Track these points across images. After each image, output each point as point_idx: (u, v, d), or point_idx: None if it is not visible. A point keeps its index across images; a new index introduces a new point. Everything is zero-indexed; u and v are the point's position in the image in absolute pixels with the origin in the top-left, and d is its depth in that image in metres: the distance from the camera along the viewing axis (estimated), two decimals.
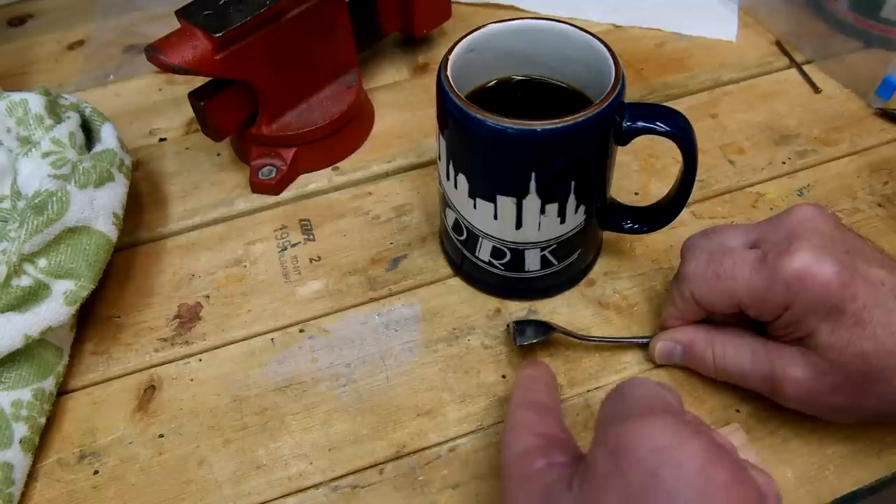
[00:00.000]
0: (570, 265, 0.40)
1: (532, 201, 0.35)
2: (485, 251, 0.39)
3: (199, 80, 0.44)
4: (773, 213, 0.37)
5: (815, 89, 0.53)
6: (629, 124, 0.34)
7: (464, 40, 0.37)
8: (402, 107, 0.54)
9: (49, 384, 0.37)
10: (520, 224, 0.36)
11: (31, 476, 0.35)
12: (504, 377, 0.38)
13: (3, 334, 0.35)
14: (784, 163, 0.48)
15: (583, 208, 0.37)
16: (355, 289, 0.42)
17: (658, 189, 0.47)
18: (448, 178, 0.37)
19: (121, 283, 0.43)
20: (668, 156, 0.49)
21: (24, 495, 0.35)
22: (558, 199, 0.35)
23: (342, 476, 0.35)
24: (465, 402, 0.37)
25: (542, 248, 0.38)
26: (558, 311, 0.41)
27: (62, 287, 0.37)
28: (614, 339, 0.39)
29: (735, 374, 0.35)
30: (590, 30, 0.37)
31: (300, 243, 0.45)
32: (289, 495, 0.35)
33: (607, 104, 0.33)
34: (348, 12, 0.48)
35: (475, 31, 0.37)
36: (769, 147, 0.49)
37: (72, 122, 0.42)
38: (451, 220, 0.40)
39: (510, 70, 0.40)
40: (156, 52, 0.40)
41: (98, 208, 0.39)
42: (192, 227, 0.47)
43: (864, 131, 0.50)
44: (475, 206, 0.37)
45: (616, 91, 0.33)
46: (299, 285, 0.43)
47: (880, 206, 0.45)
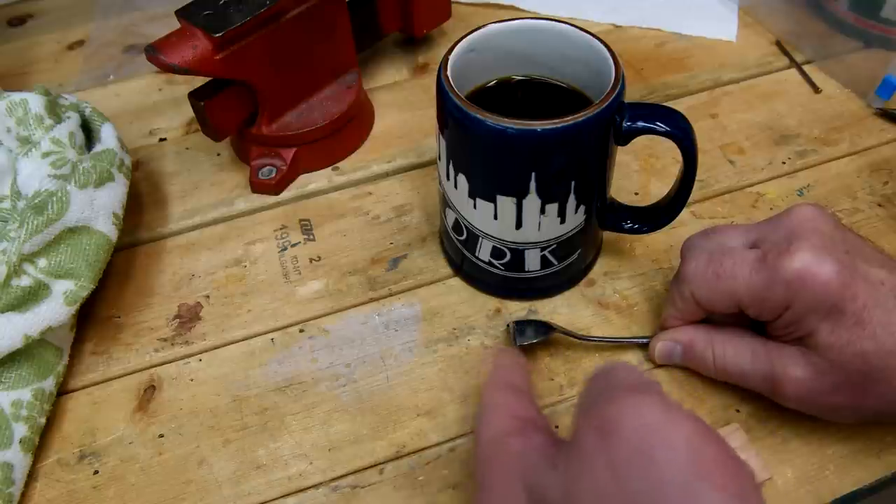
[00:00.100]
0: (570, 265, 0.40)
1: (532, 201, 0.35)
2: (485, 251, 0.39)
3: (199, 80, 0.44)
4: (773, 213, 0.37)
5: (815, 89, 0.53)
6: (629, 124, 0.34)
7: (464, 40, 0.37)
8: (402, 107, 0.54)
9: (49, 384, 0.37)
10: (520, 224, 0.36)
11: (31, 476, 0.35)
12: None
13: (3, 334, 0.35)
14: (784, 163, 0.48)
15: (583, 208, 0.37)
16: (355, 289, 0.42)
17: (658, 189, 0.47)
18: (448, 178, 0.37)
19: (121, 283, 0.43)
20: (668, 156, 0.49)
21: (24, 495, 0.35)
22: (558, 199, 0.35)
23: (342, 476, 0.35)
24: (465, 402, 0.37)
25: (542, 248, 0.38)
26: (558, 311, 0.41)
27: (62, 287, 0.37)
28: (614, 339, 0.39)
29: (735, 374, 0.35)
30: (590, 30, 0.37)
31: (300, 243, 0.45)
32: (289, 495, 0.35)
33: (607, 104, 0.33)
34: (348, 12, 0.48)
35: (475, 31, 0.37)
36: (769, 147, 0.49)
37: (72, 122, 0.42)
38: (451, 220, 0.40)
39: (510, 70, 0.40)
40: (156, 52, 0.40)
41: (98, 208, 0.39)
42: (192, 227, 0.47)
43: (864, 131, 0.50)
44: (475, 206, 0.37)
45: (616, 91, 0.33)
46: (299, 285, 0.43)
47: (880, 206, 0.45)
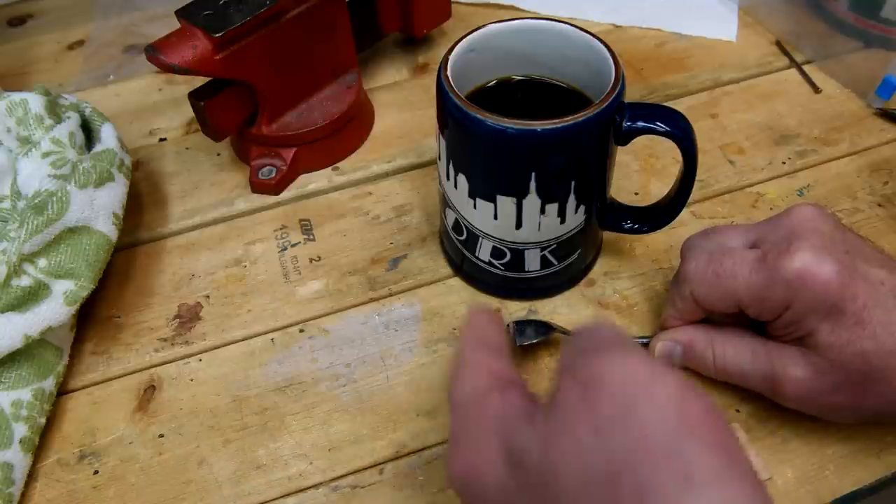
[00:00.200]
0: (570, 265, 0.40)
1: (532, 201, 0.35)
2: (485, 251, 0.39)
3: (199, 80, 0.44)
4: (773, 213, 0.37)
5: (815, 89, 0.53)
6: (629, 124, 0.34)
7: (464, 40, 0.37)
8: (402, 107, 0.54)
9: (49, 384, 0.37)
10: (520, 224, 0.36)
11: (31, 476, 0.35)
12: None
13: (3, 334, 0.35)
14: (784, 163, 0.48)
15: (583, 208, 0.37)
16: (355, 289, 0.42)
17: (658, 189, 0.47)
18: (448, 178, 0.37)
19: (121, 283, 0.43)
20: (668, 156, 0.49)
21: (24, 495, 0.35)
22: (558, 199, 0.35)
23: (342, 476, 0.35)
24: None
25: (542, 248, 0.38)
26: (558, 311, 0.41)
27: (62, 287, 0.37)
28: None
29: (735, 374, 0.34)
30: (590, 30, 0.37)
31: (300, 243, 0.45)
32: (289, 495, 0.35)
33: (607, 104, 0.33)
34: (348, 12, 0.48)
35: (475, 31, 0.37)
36: (769, 147, 0.49)
37: (72, 122, 0.42)
38: (451, 220, 0.40)
39: (510, 70, 0.40)
40: (156, 52, 0.40)
41: (98, 208, 0.39)
42: (192, 227, 0.47)
43: (864, 131, 0.50)
44: (475, 206, 0.37)
45: (616, 91, 0.33)
46: (299, 285, 0.43)
47: (880, 206, 0.45)
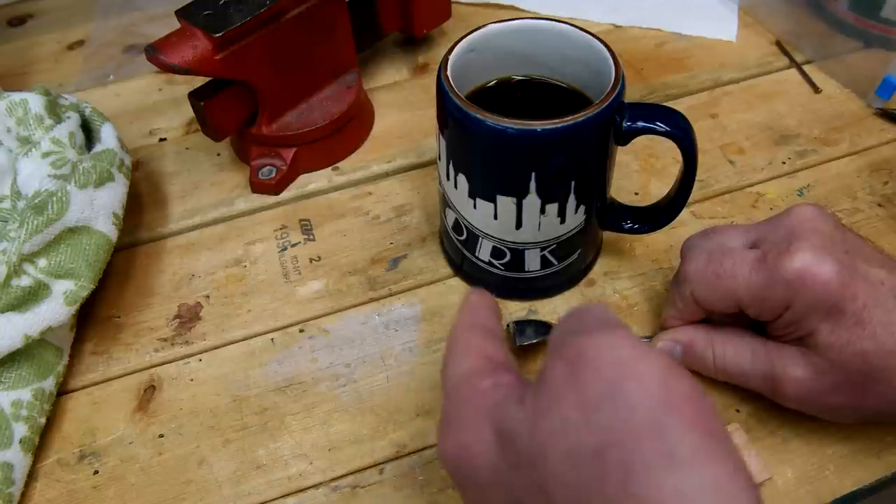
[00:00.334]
0: (570, 265, 0.40)
1: (532, 201, 0.35)
2: (485, 251, 0.39)
3: (199, 80, 0.44)
4: (773, 213, 0.37)
5: (815, 89, 0.53)
6: (629, 124, 0.34)
7: (464, 40, 0.37)
8: (402, 107, 0.54)
9: (49, 384, 0.37)
10: (520, 224, 0.36)
11: (31, 476, 0.35)
12: None
13: (3, 334, 0.35)
14: (784, 163, 0.48)
15: (583, 208, 0.37)
16: (355, 289, 0.42)
17: (658, 189, 0.47)
18: (448, 178, 0.37)
19: (121, 283, 0.43)
20: (668, 156, 0.49)
21: (24, 495, 0.35)
22: (558, 199, 0.35)
23: (342, 476, 0.35)
24: None
25: (542, 248, 0.38)
26: (558, 311, 0.41)
27: (62, 287, 0.37)
28: None
29: (735, 373, 0.34)
30: (590, 30, 0.37)
31: (300, 243, 0.45)
32: (289, 495, 0.35)
33: (607, 104, 0.33)
34: (348, 12, 0.48)
35: (475, 31, 0.37)
36: (769, 147, 0.49)
37: (72, 122, 0.42)
38: (451, 220, 0.40)
39: (510, 70, 0.40)
40: (156, 52, 0.40)
41: (98, 208, 0.39)
42: (192, 227, 0.47)
43: (864, 131, 0.50)
44: (475, 206, 0.37)
45: (616, 91, 0.33)
46: (299, 285, 0.43)
47: (880, 206, 0.45)
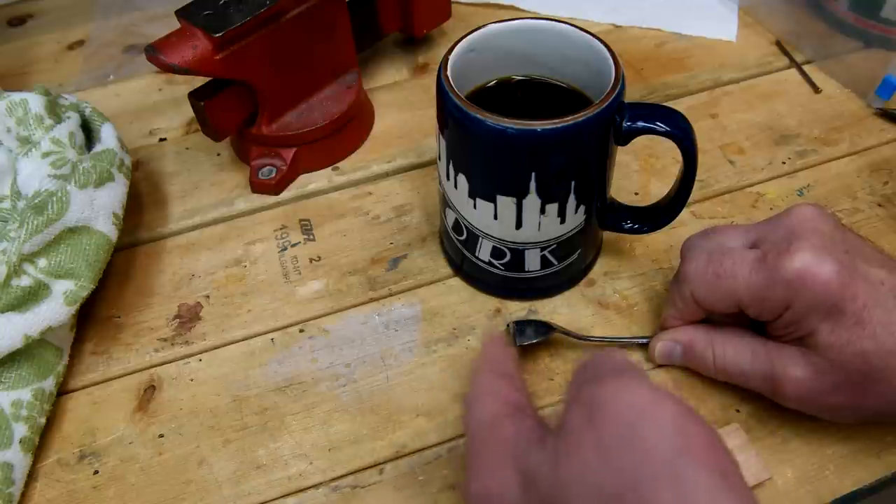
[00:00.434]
0: (570, 265, 0.40)
1: (532, 201, 0.35)
2: (485, 251, 0.39)
3: (199, 80, 0.44)
4: (773, 213, 0.37)
5: (815, 89, 0.53)
6: (629, 124, 0.34)
7: (464, 40, 0.37)
8: (402, 107, 0.54)
9: (49, 384, 0.37)
10: (520, 224, 0.36)
11: (31, 476, 0.35)
12: None
13: (3, 334, 0.35)
14: (784, 163, 0.48)
15: (583, 208, 0.37)
16: (355, 289, 0.42)
17: (658, 189, 0.47)
18: (448, 178, 0.37)
19: (121, 283, 0.43)
20: (668, 156, 0.49)
21: (24, 495, 0.35)
22: (558, 199, 0.35)
23: (342, 476, 0.35)
24: None
25: (542, 248, 0.38)
26: (558, 311, 0.41)
27: (62, 287, 0.37)
28: (614, 339, 0.39)
29: (735, 373, 0.35)
30: (590, 30, 0.37)
31: (300, 243, 0.45)
32: (289, 495, 0.35)
33: (607, 104, 0.33)
34: (348, 12, 0.48)
35: (475, 31, 0.37)
36: (769, 147, 0.49)
37: (72, 122, 0.42)
38: (451, 220, 0.40)
39: (510, 70, 0.40)
40: (156, 52, 0.40)
41: (98, 208, 0.39)
42: (192, 227, 0.47)
43: (864, 131, 0.50)
44: (475, 206, 0.37)
45: (616, 91, 0.33)
46: (299, 285, 0.43)
47: (880, 206, 0.45)
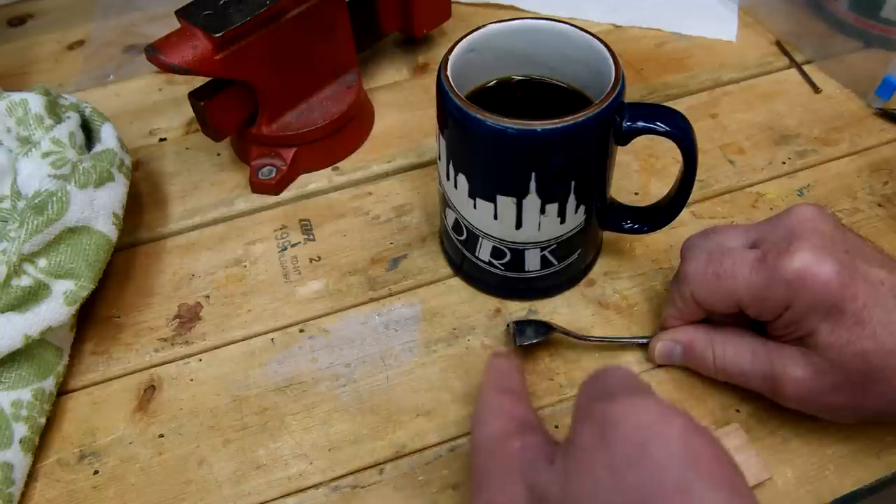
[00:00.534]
0: (570, 265, 0.40)
1: (532, 201, 0.35)
2: (485, 251, 0.39)
3: (199, 80, 0.44)
4: (773, 213, 0.37)
5: (815, 89, 0.53)
6: (629, 124, 0.34)
7: (464, 40, 0.37)
8: (402, 107, 0.54)
9: (49, 384, 0.37)
10: (520, 224, 0.36)
11: (31, 476, 0.35)
12: None
13: (3, 334, 0.35)
14: (784, 163, 0.48)
15: (583, 208, 0.37)
16: (355, 289, 0.42)
17: (658, 189, 0.47)
18: (448, 178, 0.37)
19: (121, 283, 0.43)
20: (668, 156, 0.49)
21: (24, 495, 0.35)
22: (558, 199, 0.35)
23: (342, 476, 0.35)
24: (465, 402, 0.37)
25: (542, 248, 0.38)
26: (558, 311, 0.41)
27: (62, 287, 0.37)
28: (614, 339, 0.39)
29: (735, 373, 0.35)
30: (590, 30, 0.37)
31: (300, 243, 0.45)
32: (289, 495, 0.35)
33: (607, 104, 0.33)
34: (348, 12, 0.48)
35: (475, 31, 0.37)
36: (769, 147, 0.49)
37: (72, 122, 0.42)
38: (451, 220, 0.40)
39: (510, 70, 0.40)
40: (156, 52, 0.40)
41: (98, 208, 0.39)
42: (192, 227, 0.47)
43: (864, 131, 0.50)
44: (475, 206, 0.37)
45: (616, 91, 0.33)
46: (299, 285, 0.43)
47: (880, 206, 0.45)
